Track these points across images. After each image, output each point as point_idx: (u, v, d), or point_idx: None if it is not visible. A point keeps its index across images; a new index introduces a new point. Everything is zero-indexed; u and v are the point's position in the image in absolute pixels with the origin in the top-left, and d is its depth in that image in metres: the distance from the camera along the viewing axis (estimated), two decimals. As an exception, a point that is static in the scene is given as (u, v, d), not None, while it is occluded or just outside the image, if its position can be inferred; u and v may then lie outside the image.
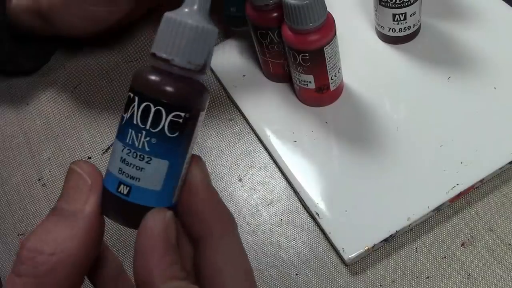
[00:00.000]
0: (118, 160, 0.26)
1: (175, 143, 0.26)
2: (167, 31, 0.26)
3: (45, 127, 0.57)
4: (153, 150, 0.26)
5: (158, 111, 0.25)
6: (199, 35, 0.26)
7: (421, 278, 0.40)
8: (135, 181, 0.26)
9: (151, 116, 0.25)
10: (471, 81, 0.48)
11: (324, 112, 0.49)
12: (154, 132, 0.26)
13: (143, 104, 0.26)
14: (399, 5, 0.47)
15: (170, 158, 0.26)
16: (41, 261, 0.25)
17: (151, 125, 0.26)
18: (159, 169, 0.26)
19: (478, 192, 0.43)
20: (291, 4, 0.41)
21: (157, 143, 0.26)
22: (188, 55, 0.26)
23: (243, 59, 0.55)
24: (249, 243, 0.45)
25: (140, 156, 0.26)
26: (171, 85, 0.26)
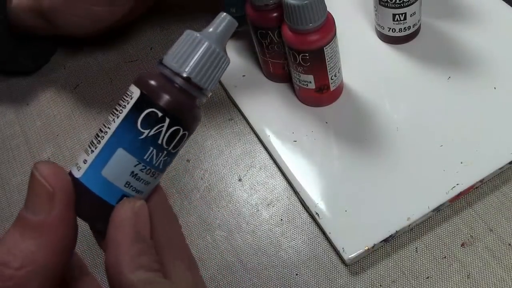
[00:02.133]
0: (128, 174, 0.26)
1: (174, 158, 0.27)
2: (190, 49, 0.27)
3: (45, 127, 0.57)
4: (163, 167, 0.27)
5: (184, 135, 0.26)
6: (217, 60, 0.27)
7: (421, 278, 0.40)
8: (139, 194, 0.26)
9: (177, 139, 0.26)
10: (471, 81, 0.48)
11: (324, 112, 0.49)
12: (173, 152, 0.26)
13: (174, 128, 0.26)
14: (399, 5, 0.47)
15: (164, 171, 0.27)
16: (8, 276, 0.24)
17: (173, 147, 0.26)
18: (156, 182, 0.27)
19: (478, 192, 0.43)
20: (291, 4, 0.41)
21: (169, 161, 0.27)
22: (210, 80, 0.27)
23: (243, 59, 0.55)
24: (249, 243, 0.45)
25: (153, 172, 0.26)
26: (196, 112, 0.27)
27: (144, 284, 0.24)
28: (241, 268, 0.44)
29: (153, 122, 0.25)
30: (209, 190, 0.48)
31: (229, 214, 0.46)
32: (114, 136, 0.26)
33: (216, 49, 0.26)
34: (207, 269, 0.44)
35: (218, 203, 0.47)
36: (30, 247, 0.24)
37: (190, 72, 0.26)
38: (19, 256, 0.24)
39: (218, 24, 0.27)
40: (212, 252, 0.45)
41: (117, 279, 0.25)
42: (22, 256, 0.24)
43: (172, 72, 0.26)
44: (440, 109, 0.47)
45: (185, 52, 0.26)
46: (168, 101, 0.26)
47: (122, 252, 0.25)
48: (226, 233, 0.45)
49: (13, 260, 0.24)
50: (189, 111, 0.26)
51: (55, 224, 0.25)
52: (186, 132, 0.26)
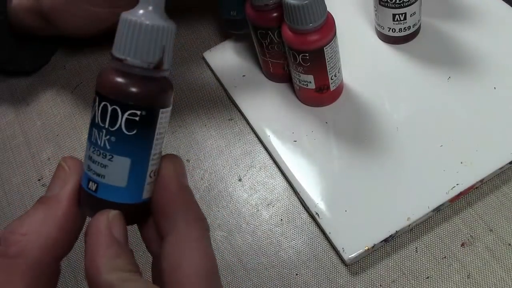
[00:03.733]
0: (87, 158, 0.28)
1: (134, 140, 0.27)
2: (121, 31, 0.27)
3: (45, 127, 0.57)
4: (113, 148, 0.27)
5: (114, 110, 0.26)
6: (148, 33, 0.26)
7: (421, 278, 0.40)
8: (101, 178, 0.27)
9: (108, 115, 0.26)
10: (471, 81, 0.48)
11: (324, 112, 0.49)
12: (113, 130, 0.26)
13: (102, 104, 0.27)
14: (399, 5, 0.47)
15: (132, 155, 0.27)
16: (12, 241, 0.26)
17: (109, 124, 0.26)
18: (121, 166, 0.27)
19: (478, 192, 0.43)
20: (291, 4, 0.41)
21: (116, 141, 0.27)
22: (139, 54, 0.26)
23: (243, 59, 0.55)
24: (249, 243, 0.45)
25: (103, 154, 0.27)
26: (124, 84, 0.26)
27: (121, 282, 0.25)
28: (241, 268, 0.44)
29: (93, 105, 0.27)
30: (209, 190, 0.48)
31: (229, 214, 0.46)
32: None
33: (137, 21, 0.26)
34: (207, 269, 0.44)
35: (218, 203, 0.47)
36: (38, 218, 0.27)
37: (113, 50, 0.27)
38: (26, 225, 0.27)
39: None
40: (212, 252, 0.45)
41: (95, 280, 0.26)
42: (29, 225, 0.27)
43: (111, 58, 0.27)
44: (440, 109, 0.47)
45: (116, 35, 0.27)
46: (99, 82, 0.27)
47: (98, 256, 0.26)
48: (226, 233, 0.45)
49: (20, 228, 0.27)
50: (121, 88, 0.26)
51: (63, 200, 0.27)
52: (116, 107, 0.26)
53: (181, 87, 0.56)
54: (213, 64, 0.55)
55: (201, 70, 0.57)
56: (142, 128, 0.27)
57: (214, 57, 0.56)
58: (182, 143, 0.52)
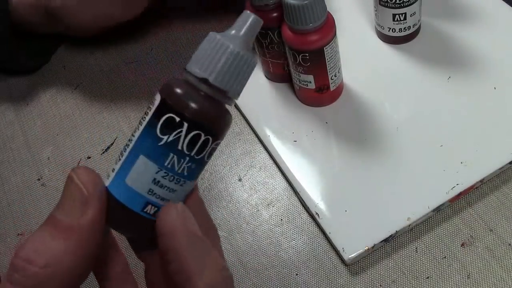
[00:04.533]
0: (150, 181, 0.26)
1: (204, 166, 0.27)
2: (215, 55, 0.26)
3: (45, 127, 0.57)
4: (190, 174, 0.26)
5: (207, 140, 0.26)
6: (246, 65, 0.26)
7: (421, 278, 0.40)
8: (164, 202, 0.26)
9: (199, 144, 0.26)
10: (471, 81, 0.48)
11: (324, 112, 0.49)
12: (197, 158, 0.26)
13: (193, 133, 0.25)
14: (399, 5, 0.47)
15: (196, 178, 0.27)
16: (32, 273, 0.24)
17: (196, 153, 0.26)
18: (187, 189, 0.27)
19: (478, 192, 0.43)
20: (291, 4, 0.41)
21: (195, 168, 0.26)
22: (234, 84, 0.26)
23: (243, 59, 0.54)
24: (249, 243, 0.45)
25: (177, 179, 0.26)
26: (222, 116, 0.26)
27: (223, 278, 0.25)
28: (241, 268, 0.44)
29: (171, 128, 0.25)
30: (209, 190, 0.48)
31: (229, 214, 0.46)
32: (137, 143, 0.26)
33: (239, 52, 0.26)
34: (207, 269, 0.44)
35: (218, 203, 0.47)
36: (57, 247, 0.25)
37: (211, 76, 0.26)
38: (45, 255, 0.25)
39: (241, 24, 0.27)
40: (212, 252, 0.45)
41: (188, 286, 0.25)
42: (49, 255, 0.24)
43: (194, 77, 0.26)
44: (440, 109, 0.47)
45: (208, 57, 0.26)
46: (186, 105, 0.25)
47: (184, 258, 0.25)
48: (226, 233, 0.45)
49: (38, 258, 0.24)
50: (211, 115, 0.26)
51: (85, 229, 0.25)
52: (210, 137, 0.26)
53: (181, 87, 0.56)
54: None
55: (201, 70, 0.57)
56: (211, 155, 0.27)
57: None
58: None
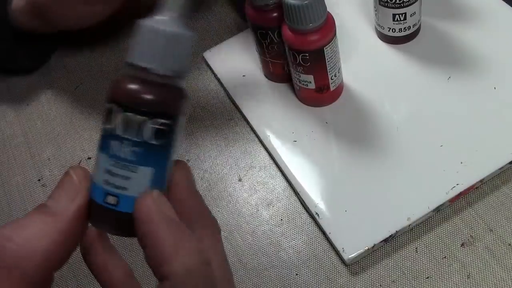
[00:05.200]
0: (103, 171, 0.26)
1: (159, 150, 0.26)
2: (143, 39, 0.26)
3: (45, 127, 0.57)
4: (138, 159, 0.26)
5: (143, 120, 0.26)
6: (176, 41, 0.26)
7: (421, 278, 0.40)
8: (122, 190, 0.26)
9: (136, 126, 0.26)
10: (471, 81, 0.48)
11: (324, 112, 0.49)
12: (139, 141, 0.26)
13: (127, 115, 0.26)
14: (399, 5, 0.47)
15: (155, 165, 0.26)
16: (9, 250, 0.25)
17: (135, 135, 0.26)
18: (144, 176, 0.26)
19: (478, 192, 0.43)
20: (291, 4, 0.41)
21: (142, 152, 0.26)
22: (167, 62, 0.26)
23: (243, 59, 0.55)
24: (249, 243, 0.45)
25: (125, 166, 0.26)
26: (154, 93, 0.26)
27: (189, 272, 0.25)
28: (241, 268, 0.44)
29: (109, 115, 0.26)
30: (209, 190, 0.48)
31: (229, 214, 0.46)
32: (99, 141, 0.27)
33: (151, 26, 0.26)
34: (207, 269, 0.44)
35: (218, 203, 0.47)
36: (37, 229, 0.26)
37: (131, 58, 0.26)
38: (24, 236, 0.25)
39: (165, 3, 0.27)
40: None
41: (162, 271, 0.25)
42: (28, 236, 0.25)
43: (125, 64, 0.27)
44: (440, 109, 0.47)
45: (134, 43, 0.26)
46: (116, 91, 0.26)
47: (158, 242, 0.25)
48: (226, 233, 0.45)
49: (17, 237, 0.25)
50: (140, 95, 0.26)
51: (69, 216, 0.26)
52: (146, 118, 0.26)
53: (181, 87, 0.56)
54: (213, 64, 0.55)
55: (201, 70, 0.57)
56: (166, 137, 0.26)
57: (214, 57, 0.56)
58: (182, 143, 0.52)
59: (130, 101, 0.26)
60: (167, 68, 0.26)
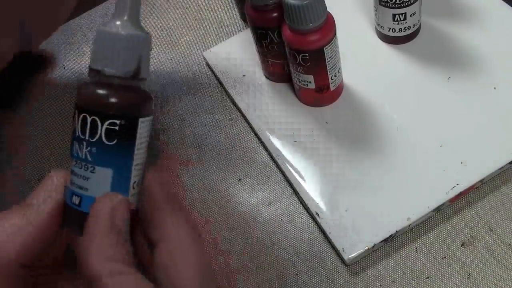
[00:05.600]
0: (70, 172, 0.27)
1: (115, 150, 0.27)
2: (97, 43, 0.27)
3: (46, 128, 0.57)
4: (95, 160, 0.27)
5: (93, 120, 0.26)
6: (124, 42, 0.26)
7: (421, 278, 0.40)
8: (84, 191, 0.27)
9: (88, 126, 0.26)
10: (471, 81, 0.48)
11: (324, 112, 0.49)
12: (93, 141, 0.26)
13: (81, 116, 0.27)
14: (399, 5, 0.47)
15: (113, 166, 0.27)
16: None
17: (89, 135, 0.26)
18: (103, 177, 0.27)
19: (478, 192, 0.43)
20: (291, 4, 0.41)
21: (97, 152, 0.27)
22: (116, 64, 0.26)
23: (243, 59, 0.55)
24: (249, 243, 0.45)
25: (85, 166, 0.27)
26: (102, 94, 0.26)
27: (111, 274, 0.25)
28: (241, 268, 0.44)
29: (73, 117, 0.27)
30: (209, 190, 0.48)
31: (229, 214, 0.46)
32: None
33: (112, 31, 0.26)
34: (207, 269, 0.44)
35: (218, 203, 0.47)
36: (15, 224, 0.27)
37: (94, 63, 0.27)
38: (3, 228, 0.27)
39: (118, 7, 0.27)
40: (212, 252, 0.45)
41: (84, 268, 0.25)
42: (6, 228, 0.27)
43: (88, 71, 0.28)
44: (440, 109, 0.47)
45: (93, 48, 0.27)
46: (78, 94, 0.27)
47: (94, 242, 0.25)
48: (226, 233, 0.45)
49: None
50: (93, 96, 0.27)
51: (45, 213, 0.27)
52: (96, 118, 0.26)
53: (181, 87, 0.56)
54: (213, 64, 0.55)
55: (201, 70, 0.57)
56: (122, 137, 0.27)
57: (214, 57, 0.56)
58: (182, 143, 0.52)
59: (84, 103, 0.27)
60: (119, 69, 0.26)
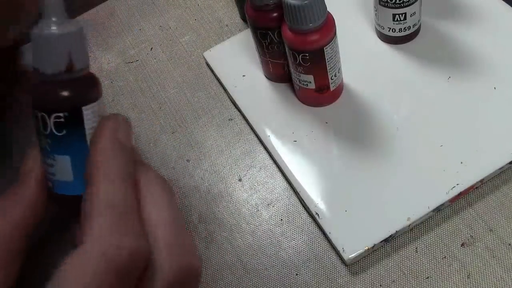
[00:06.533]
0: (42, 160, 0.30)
1: (66, 139, 0.29)
2: (32, 45, 0.28)
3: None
4: (53, 150, 0.29)
5: (42, 116, 0.29)
6: (49, 41, 0.28)
7: (421, 278, 0.40)
8: (52, 176, 0.29)
9: (40, 122, 0.29)
10: (471, 81, 0.48)
11: (324, 112, 0.49)
12: (47, 134, 0.29)
13: (34, 113, 0.29)
14: (399, 5, 0.47)
15: (69, 153, 0.29)
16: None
17: (43, 129, 0.29)
18: (64, 164, 0.29)
19: (478, 192, 0.43)
20: (291, 4, 0.41)
21: (53, 143, 0.29)
22: (47, 62, 0.28)
23: (243, 59, 0.55)
24: (249, 243, 0.45)
25: (47, 155, 0.29)
26: (43, 91, 0.29)
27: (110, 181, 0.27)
28: (241, 268, 0.44)
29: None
30: (209, 190, 0.48)
31: (229, 214, 0.47)
32: None
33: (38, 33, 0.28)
34: (207, 269, 0.44)
35: (218, 203, 0.47)
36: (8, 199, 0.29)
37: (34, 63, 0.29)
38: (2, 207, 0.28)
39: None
40: (212, 252, 0.45)
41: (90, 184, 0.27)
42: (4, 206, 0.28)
43: None
44: (440, 109, 0.47)
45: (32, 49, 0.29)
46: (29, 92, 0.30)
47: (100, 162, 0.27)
48: (226, 233, 0.46)
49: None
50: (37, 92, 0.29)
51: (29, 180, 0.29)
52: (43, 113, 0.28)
53: (181, 87, 0.56)
54: (213, 64, 0.55)
55: (201, 70, 0.57)
56: (70, 127, 0.29)
57: (214, 57, 0.56)
58: (182, 143, 0.52)
59: (32, 100, 0.29)
60: (51, 67, 0.28)
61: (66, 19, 0.29)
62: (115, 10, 0.65)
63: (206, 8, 0.62)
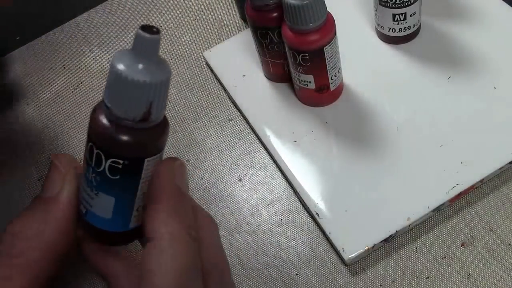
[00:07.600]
0: (81, 183, 0.28)
1: (118, 184, 0.27)
2: (109, 78, 0.25)
3: (45, 128, 0.57)
4: (99, 186, 0.27)
5: (98, 154, 0.26)
6: (133, 89, 0.25)
7: (421, 278, 0.40)
8: (88, 206, 0.27)
9: (94, 157, 0.26)
10: (471, 81, 0.48)
11: (324, 112, 0.49)
12: (98, 171, 0.27)
13: (89, 144, 0.27)
14: (399, 5, 0.47)
15: (116, 195, 0.27)
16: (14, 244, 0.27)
17: (95, 165, 0.27)
18: (106, 202, 0.27)
19: (478, 192, 0.43)
20: (291, 4, 0.41)
21: (101, 181, 0.27)
22: (124, 107, 0.25)
23: (243, 59, 0.55)
24: (249, 243, 0.45)
25: (90, 188, 0.27)
26: (109, 132, 0.26)
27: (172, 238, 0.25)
28: (241, 268, 0.44)
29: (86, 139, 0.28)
30: (209, 190, 0.48)
31: (229, 214, 0.47)
32: None
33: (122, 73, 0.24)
34: (207, 269, 0.44)
35: (218, 203, 0.47)
36: (39, 220, 0.27)
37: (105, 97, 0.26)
38: (26, 228, 0.27)
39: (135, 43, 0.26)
40: (212, 252, 0.45)
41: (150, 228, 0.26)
42: (29, 228, 0.27)
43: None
44: (440, 109, 0.47)
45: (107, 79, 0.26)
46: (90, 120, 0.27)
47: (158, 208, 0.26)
48: (226, 233, 0.46)
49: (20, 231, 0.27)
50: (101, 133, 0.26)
51: (63, 201, 0.27)
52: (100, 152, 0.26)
53: (181, 87, 0.56)
54: (213, 64, 0.55)
55: (201, 70, 0.57)
56: (125, 175, 0.26)
57: (214, 57, 0.56)
58: (182, 143, 0.52)
59: (92, 132, 0.27)
60: (126, 113, 0.25)
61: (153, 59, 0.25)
62: (115, 10, 0.65)
63: (206, 8, 0.62)
